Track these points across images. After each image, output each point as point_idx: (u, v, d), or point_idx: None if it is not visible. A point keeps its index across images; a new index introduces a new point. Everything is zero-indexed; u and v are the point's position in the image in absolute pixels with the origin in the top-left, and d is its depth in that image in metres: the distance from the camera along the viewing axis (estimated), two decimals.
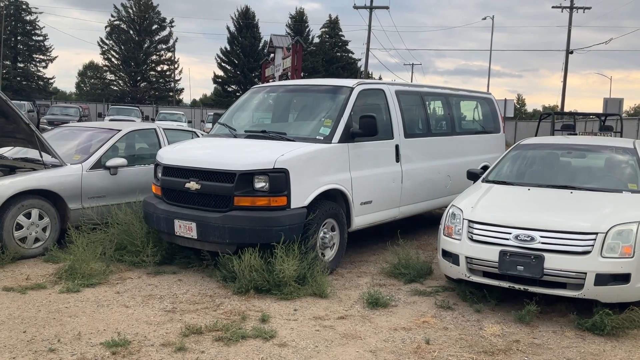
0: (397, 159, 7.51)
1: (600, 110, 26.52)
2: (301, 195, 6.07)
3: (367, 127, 6.63)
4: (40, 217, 6.90)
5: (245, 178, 5.93)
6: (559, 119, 19.45)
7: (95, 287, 5.83)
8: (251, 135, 7.03)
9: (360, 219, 6.92)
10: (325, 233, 6.44)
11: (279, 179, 5.90)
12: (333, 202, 6.52)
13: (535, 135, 14.02)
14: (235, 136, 7.13)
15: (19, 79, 58.20)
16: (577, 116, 17.39)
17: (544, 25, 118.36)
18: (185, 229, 6.16)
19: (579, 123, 24.05)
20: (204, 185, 6.10)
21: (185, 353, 4.33)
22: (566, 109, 42.23)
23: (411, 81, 61.98)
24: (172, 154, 6.74)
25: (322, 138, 6.57)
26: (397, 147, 7.49)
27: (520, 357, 4.46)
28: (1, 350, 4.29)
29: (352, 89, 7.05)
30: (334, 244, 6.58)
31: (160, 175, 6.65)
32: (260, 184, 5.93)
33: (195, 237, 6.12)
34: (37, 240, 6.90)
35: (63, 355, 4.24)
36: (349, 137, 6.67)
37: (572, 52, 38.79)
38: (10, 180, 6.74)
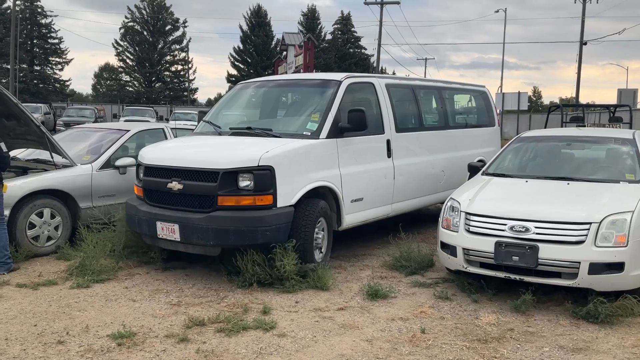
0: (389, 155, 7.32)
1: (615, 101, 26.32)
2: (288, 193, 5.89)
3: (356, 121, 6.46)
4: (52, 216, 7.13)
5: (229, 177, 5.74)
6: (568, 111, 19.38)
7: (104, 283, 6.03)
8: (236, 132, 6.80)
9: (351, 217, 6.75)
10: (318, 233, 6.25)
11: (264, 177, 5.72)
12: (322, 200, 6.35)
13: (545, 128, 14.02)
14: (219, 134, 6.93)
15: (35, 81, 59.08)
16: (586, 108, 17.33)
17: (559, 17, 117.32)
18: (168, 231, 5.98)
19: (591, 115, 23.89)
20: (187, 185, 5.92)
21: (187, 344, 4.50)
22: (583, 100, 41.95)
23: (424, 76, 61.82)
24: (153, 154, 6.55)
25: (310, 134, 6.40)
26: (388, 142, 7.31)
27: (513, 344, 4.57)
28: (13, 342, 4.51)
29: (340, 82, 6.88)
30: (324, 243, 6.42)
31: (141, 175, 6.48)
32: (244, 182, 5.74)
33: (179, 240, 5.94)
34: (49, 238, 7.13)
35: (71, 347, 4.44)
36: (337, 132, 6.50)
37: (586, 43, 38.40)
38: (22, 181, 6.97)
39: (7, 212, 6.55)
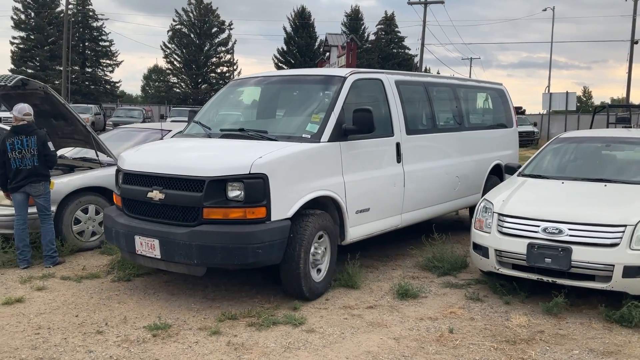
0: (399, 159, 6.66)
1: None
2: (283, 205, 5.19)
3: (362, 122, 5.77)
4: (97, 212, 7.43)
5: (216, 186, 5.04)
6: (614, 112, 18.79)
7: (144, 277, 6.25)
8: (227, 134, 6.13)
9: (355, 230, 6.07)
10: (317, 248, 5.59)
11: (256, 187, 5.01)
12: (323, 211, 5.70)
13: (590, 128, 13.72)
14: (209, 136, 6.26)
15: (87, 83, 60.95)
16: (633, 109, 16.85)
17: (611, 15, 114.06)
18: (148, 246, 5.30)
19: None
20: (169, 194, 5.22)
21: (219, 336, 4.66)
22: (634, 101, 40.64)
23: (469, 76, 61.01)
24: (133, 158, 5.83)
25: (310, 136, 5.69)
26: (398, 145, 6.63)
27: (542, 346, 4.54)
28: (55, 331, 4.75)
29: (344, 78, 6.17)
30: (325, 259, 5.76)
31: (120, 182, 5.83)
32: (234, 192, 5.03)
33: (159, 257, 5.26)
34: (93, 233, 7.44)
35: (109, 337, 4.65)
36: (341, 134, 5.81)
37: (637, 42, 37.20)
38: (69, 178, 7.30)
39: (53, 208, 6.87)
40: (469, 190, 8.19)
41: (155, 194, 5.29)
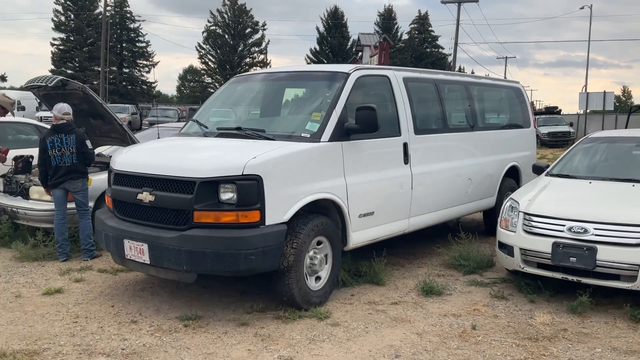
0: (406, 160, 6.35)
1: None
2: (279, 208, 4.92)
3: (365, 121, 5.46)
4: None
5: (208, 187, 4.79)
6: None
7: None
8: (223, 133, 5.89)
9: (358, 235, 5.78)
10: (315, 254, 5.34)
11: (250, 189, 4.75)
12: (324, 215, 5.43)
13: (625, 128, 13.51)
14: (205, 135, 6.03)
15: (124, 83, 62.26)
16: None
17: None
18: (137, 251, 5.07)
19: None
20: (159, 196, 4.99)
21: (247, 327, 4.83)
22: None
23: (504, 76, 60.19)
24: (124, 158, 5.63)
25: (309, 136, 5.41)
26: (405, 145, 6.33)
27: (564, 344, 4.58)
28: (92, 320, 5.00)
29: (347, 75, 5.86)
30: (325, 267, 5.49)
31: (111, 183, 5.68)
32: (226, 194, 4.77)
33: (148, 262, 5.04)
34: None
35: (142, 327, 4.87)
36: (343, 134, 5.53)
37: None
38: (106, 175, 7.54)
39: (91, 204, 7.16)
40: (482, 193, 7.90)
41: (145, 196, 5.07)
